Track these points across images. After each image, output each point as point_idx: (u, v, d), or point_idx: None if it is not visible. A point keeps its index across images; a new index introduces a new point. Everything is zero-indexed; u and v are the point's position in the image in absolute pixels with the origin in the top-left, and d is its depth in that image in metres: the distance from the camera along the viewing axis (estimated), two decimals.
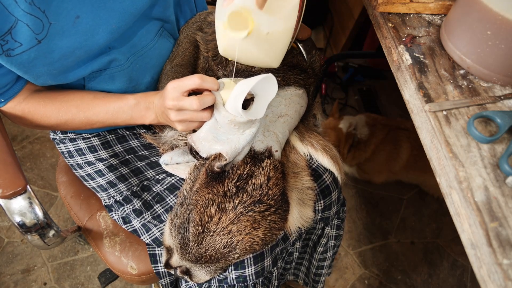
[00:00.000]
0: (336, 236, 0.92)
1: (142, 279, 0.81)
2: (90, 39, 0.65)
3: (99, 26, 0.65)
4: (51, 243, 0.72)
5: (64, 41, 0.62)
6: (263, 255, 0.73)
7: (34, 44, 0.59)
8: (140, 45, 0.76)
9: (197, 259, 0.65)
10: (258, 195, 0.64)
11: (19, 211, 0.65)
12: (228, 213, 0.63)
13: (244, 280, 0.73)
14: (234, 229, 0.63)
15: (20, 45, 0.59)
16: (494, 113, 0.55)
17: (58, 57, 0.63)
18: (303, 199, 0.75)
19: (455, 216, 0.51)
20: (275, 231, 0.67)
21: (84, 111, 0.72)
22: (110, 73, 0.74)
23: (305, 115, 0.83)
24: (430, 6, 0.73)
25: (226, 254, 0.64)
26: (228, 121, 0.62)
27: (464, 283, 1.40)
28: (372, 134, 1.54)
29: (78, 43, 0.64)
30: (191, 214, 0.64)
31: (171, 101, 0.63)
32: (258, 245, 0.65)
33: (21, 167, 0.66)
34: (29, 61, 0.61)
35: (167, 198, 0.78)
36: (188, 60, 0.82)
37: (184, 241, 0.65)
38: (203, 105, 0.61)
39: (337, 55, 1.93)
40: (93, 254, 1.41)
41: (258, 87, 0.63)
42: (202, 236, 0.63)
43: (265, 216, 0.64)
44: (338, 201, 0.86)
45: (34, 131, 1.75)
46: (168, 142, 0.80)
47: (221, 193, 0.64)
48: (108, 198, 0.81)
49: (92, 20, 0.64)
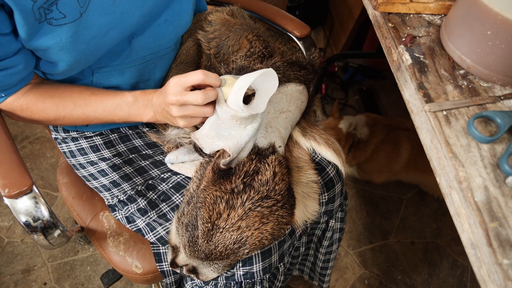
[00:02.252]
0: (340, 228, 0.93)
1: (146, 278, 0.81)
2: (126, 20, 0.66)
3: (136, 8, 0.66)
4: (56, 243, 0.71)
5: (101, 19, 0.63)
6: (270, 251, 0.74)
7: (76, 17, 0.60)
8: (157, 49, 0.77)
9: (206, 256, 0.66)
10: (265, 191, 0.65)
11: (25, 211, 0.64)
12: (236, 209, 0.64)
13: (252, 276, 0.73)
14: (243, 225, 0.64)
15: (64, 16, 0.59)
16: (494, 113, 0.55)
17: (94, 34, 0.64)
18: (308, 192, 0.76)
19: (455, 216, 0.51)
20: (283, 225, 0.68)
21: (82, 107, 0.72)
22: (120, 68, 0.75)
23: (306, 111, 0.84)
24: (430, 6, 0.73)
25: (236, 250, 0.65)
26: (230, 117, 0.62)
27: (464, 283, 1.40)
28: (372, 134, 1.54)
29: (114, 23, 0.65)
30: (200, 212, 0.65)
31: (174, 96, 0.63)
32: (267, 240, 0.66)
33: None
34: (69, 34, 0.61)
35: (173, 197, 0.78)
36: (192, 58, 0.84)
37: (192, 238, 0.66)
38: (207, 99, 0.62)
39: (337, 55, 1.93)
40: (93, 254, 1.41)
41: (259, 82, 0.63)
42: (212, 233, 0.64)
43: (273, 211, 0.66)
44: (341, 193, 0.87)
45: (34, 131, 1.75)
46: (172, 140, 0.80)
47: (229, 190, 0.64)
48: (111, 198, 0.81)
49: (130, 2, 0.65)
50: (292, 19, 1.01)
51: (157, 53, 0.78)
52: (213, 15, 0.87)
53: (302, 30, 0.99)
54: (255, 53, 0.81)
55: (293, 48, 0.94)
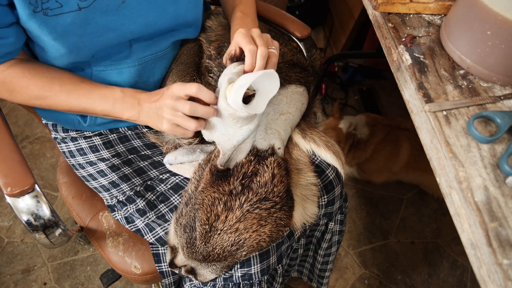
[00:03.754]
0: (340, 231, 0.93)
1: (145, 279, 0.81)
2: (127, 26, 0.66)
3: (139, 16, 0.66)
4: (57, 242, 0.72)
5: (103, 19, 0.63)
6: (268, 252, 0.74)
7: (73, 9, 0.59)
8: (156, 49, 0.77)
9: (204, 258, 0.65)
10: (263, 193, 0.65)
11: (27, 210, 0.64)
12: (234, 211, 0.63)
13: (250, 278, 0.73)
14: (241, 227, 0.63)
15: (60, 6, 0.59)
16: (494, 113, 0.55)
17: (91, 31, 0.63)
18: (307, 195, 0.76)
19: (455, 216, 0.51)
20: (281, 227, 0.68)
21: (67, 92, 0.69)
22: (119, 68, 0.75)
23: (306, 112, 0.84)
24: (430, 6, 0.73)
25: (233, 252, 0.65)
26: (228, 114, 0.62)
27: (464, 283, 1.40)
28: (372, 134, 1.54)
29: (115, 26, 0.65)
30: (197, 213, 0.65)
31: (170, 99, 0.63)
32: (265, 242, 0.66)
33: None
34: (63, 25, 0.61)
35: (172, 198, 0.78)
36: (192, 58, 0.84)
37: (190, 240, 0.66)
38: (193, 111, 0.61)
39: (337, 55, 1.93)
40: (93, 254, 1.41)
41: (260, 83, 0.63)
42: (210, 235, 0.64)
43: (271, 213, 0.65)
44: (341, 196, 0.87)
45: (34, 131, 1.75)
46: (171, 141, 0.80)
47: (227, 192, 0.64)
48: (110, 198, 0.81)
49: (135, 9, 0.65)
50: (293, 20, 1.01)
51: (156, 54, 0.78)
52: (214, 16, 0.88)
53: (303, 31, 0.99)
54: None
55: (294, 49, 0.94)
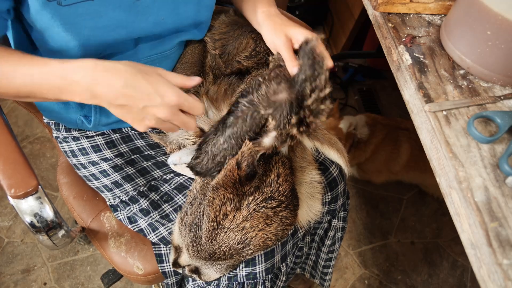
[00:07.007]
0: (342, 228, 0.94)
1: (148, 279, 0.81)
2: (137, 23, 0.66)
3: (151, 14, 0.66)
4: (60, 244, 0.72)
5: (115, 13, 0.62)
6: (273, 251, 0.74)
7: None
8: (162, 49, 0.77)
9: (210, 256, 0.66)
10: (269, 192, 0.65)
11: (31, 211, 0.64)
12: (241, 210, 0.64)
13: (254, 277, 0.73)
14: (248, 226, 0.64)
15: None
16: (494, 113, 0.55)
17: (102, 25, 0.63)
18: (311, 192, 0.76)
19: (455, 216, 0.52)
20: (286, 226, 0.68)
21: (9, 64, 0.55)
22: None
23: None
24: (430, 6, 0.73)
25: (240, 250, 0.65)
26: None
27: (464, 283, 1.40)
28: (372, 134, 1.54)
29: (126, 22, 0.65)
30: (206, 209, 0.65)
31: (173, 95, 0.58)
32: (271, 241, 0.67)
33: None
34: (75, 16, 0.60)
35: (176, 198, 0.78)
36: (197, 58, 0.84)
37: (196, 238, 0.66)
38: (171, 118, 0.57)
39: (337, 55, 1.93)
40: (93, 254, 1.41)
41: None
42: (216, 232, 0.64)
43: (277, 212, 0.66)
44: (344, 193, 0.88)
45: (34, 131, 1.75)
46: (174, 141, 0.80)
47: (241, 193, 0.65)
48: (113, 198, 0.80)
49: (149, 7, 0.65)
50: (295, 21, 1.01)
51: (162, 53, 0.78)
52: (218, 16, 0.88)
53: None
54: (260, 52, 0.81)
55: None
